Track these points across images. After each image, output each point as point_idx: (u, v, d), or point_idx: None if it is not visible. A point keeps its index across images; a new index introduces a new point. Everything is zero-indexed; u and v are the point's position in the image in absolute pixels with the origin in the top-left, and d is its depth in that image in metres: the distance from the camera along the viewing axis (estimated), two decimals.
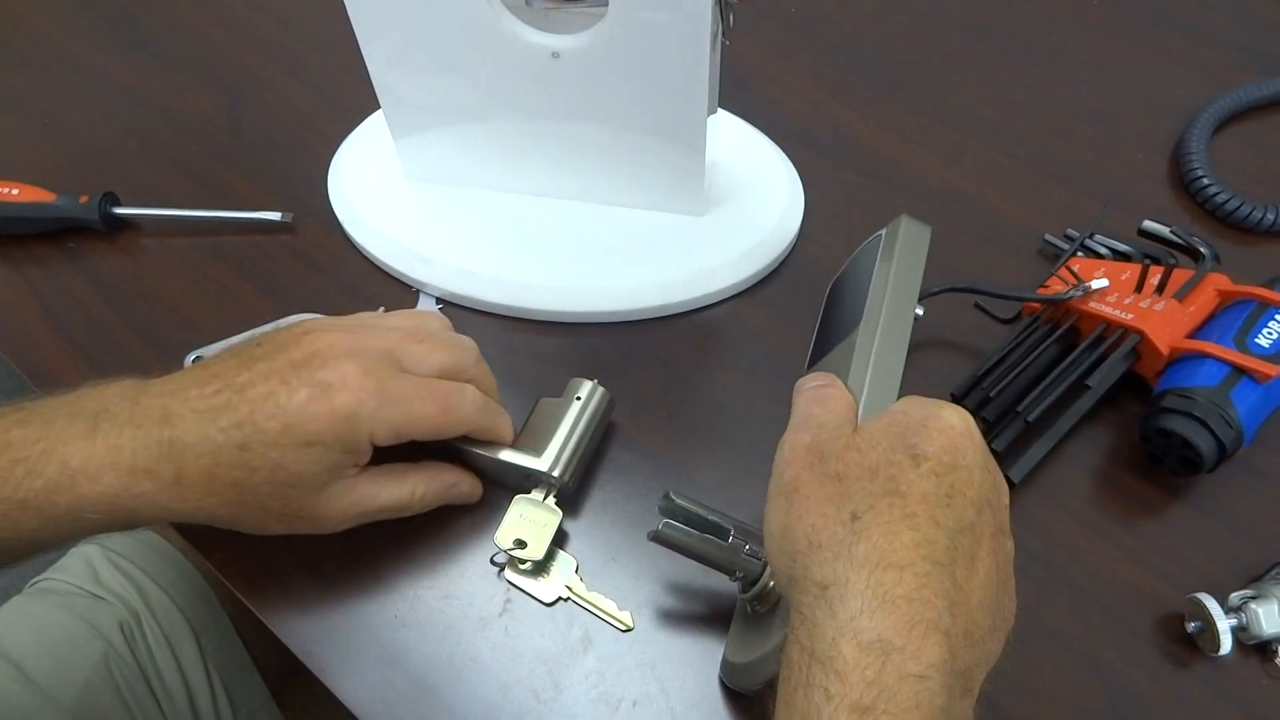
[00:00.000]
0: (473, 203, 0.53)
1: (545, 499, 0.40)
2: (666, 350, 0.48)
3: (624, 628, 0.38)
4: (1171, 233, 0.48)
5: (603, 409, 0.43)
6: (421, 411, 0.36)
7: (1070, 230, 0.52)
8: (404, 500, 0.38)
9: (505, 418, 0.41)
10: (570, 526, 0.42)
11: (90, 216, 0.52)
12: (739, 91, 0.60)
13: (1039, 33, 0.67)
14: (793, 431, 0.32)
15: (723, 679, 0.37)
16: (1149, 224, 0.49)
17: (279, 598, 0.40)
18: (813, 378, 0.35)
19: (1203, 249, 0.47)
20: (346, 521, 0.37)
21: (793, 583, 0.28)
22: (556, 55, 0.44)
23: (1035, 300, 0.47)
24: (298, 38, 0.67)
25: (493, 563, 0.40)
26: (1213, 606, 0.37)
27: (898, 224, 0.42)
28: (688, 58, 0.43)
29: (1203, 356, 0.41)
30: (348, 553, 0.40)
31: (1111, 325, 0.44)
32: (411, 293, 0.51)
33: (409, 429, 0.36)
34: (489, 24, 0.44)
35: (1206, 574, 0.40)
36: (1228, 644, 0.37)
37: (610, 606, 0.39)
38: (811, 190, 0.55)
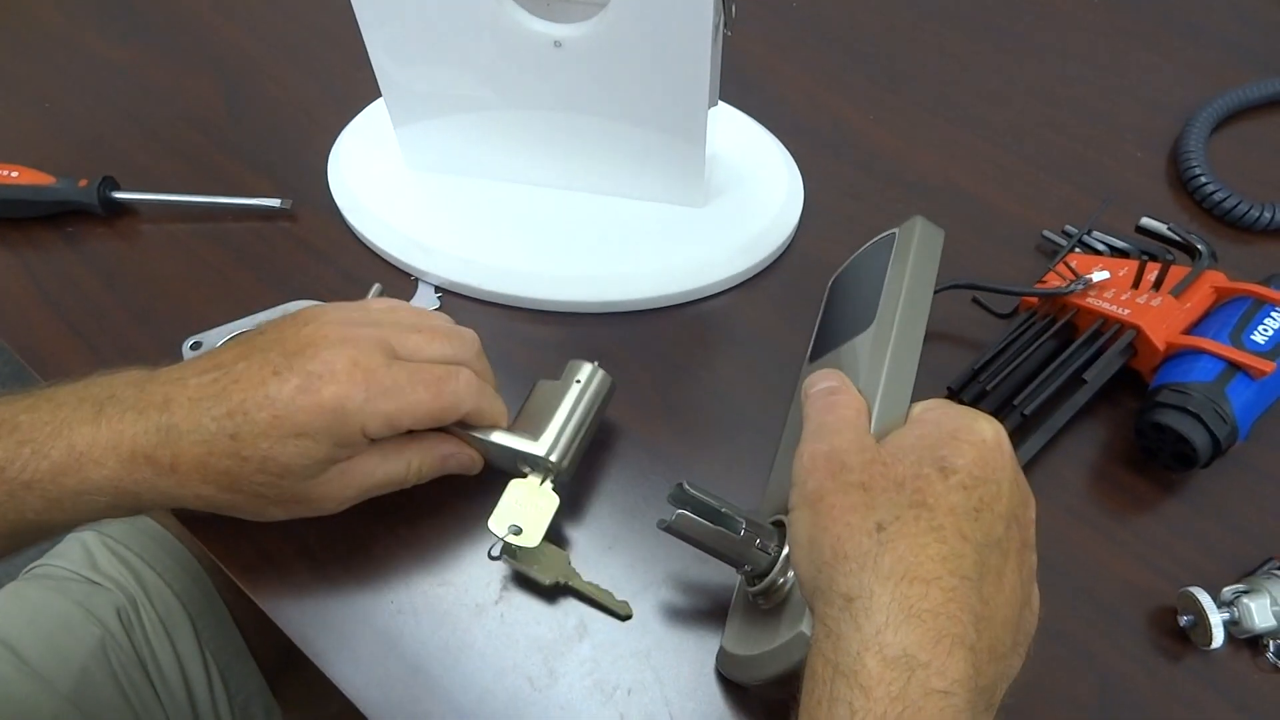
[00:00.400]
0: (473, 192, 0.53)
1: (542, 484, 0.39)
2: (665, 341, 0.49)
3: (621, 615, 0.39)
4: (1169, 230, 0.48)
5: (603, 393, 0.41)
6: (414, 400, 0.35)
7: (1068, 226, 0.52)
8: (400, 475, 0.37)
9: (501, 402, 0.40)
10: (567, 515, 0.42)
11: (89, 200, 0.52)
12: (739, 84, 0.60)
13: (1040, 30, 0.67)
14: (809, 441, 0.32)
15: (719, 669, 0.37)
16: (1147, 221, 0.49)
17: (276, 584, 0.40)
18: (821, 377, 0.35)
19: (1200, 246, 0.47)
20: (346, 502, 0.37)
21: (818, 593, 0.28)
22: (559, 44, 0.44)
23: (1033, 295, 0.48)
24: (298, 24, 0.67)
25: (490, 556, 0.40)
26: (1205, 600, 0.37)
27: (913, 225, 0.42)
28: (689, 48, 0.43)
29: (1198, 352, 0.42)
30: (344, 540, 0.41)
31: (1108, 320, 0.44)
32: (410, 280, 0.51)
33: (402, 419, 0.35)
34: (492, 12, 0.44)
35: (1199, 568, 0.40)
36: (1219, 638, 0.37)
37: (605, 596, 0.39)
38: (811, 183, 0.55)
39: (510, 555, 0.39)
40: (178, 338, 0.47)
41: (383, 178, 0.54)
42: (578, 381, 0.41)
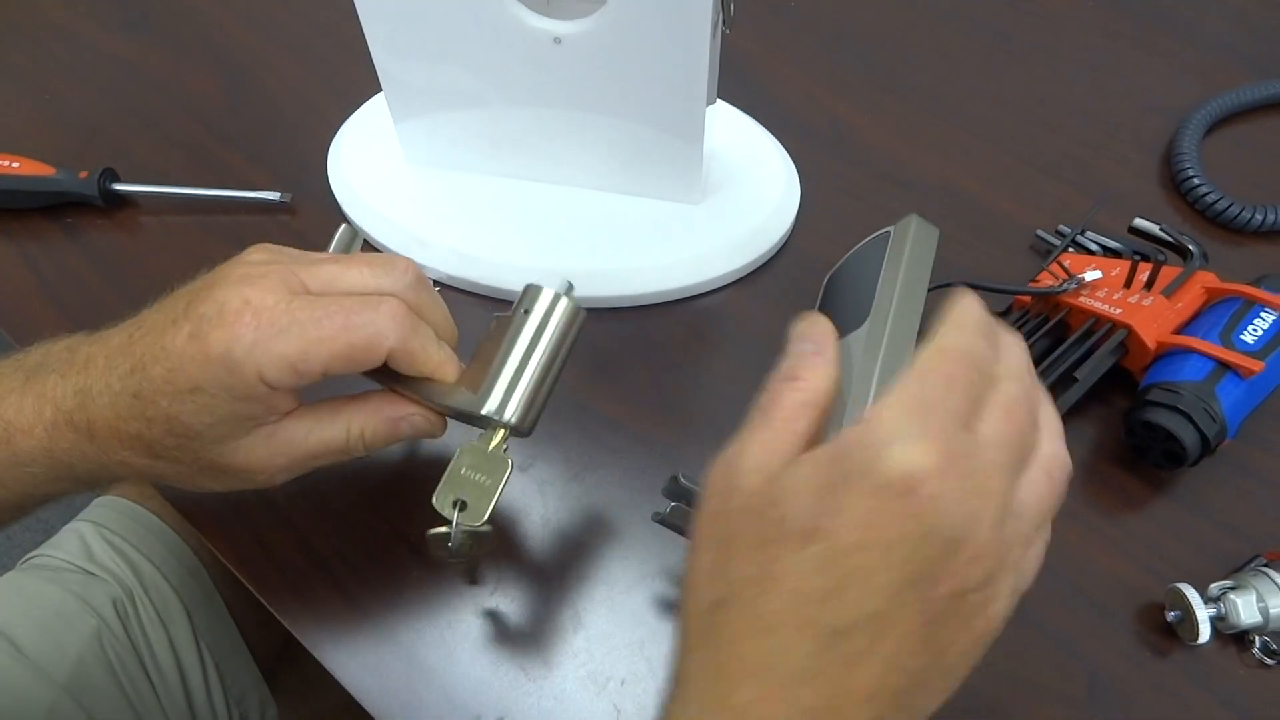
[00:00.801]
0: (471, 187, 0.53)
1: (492, 447, 0.32)
2: (661, 337, 0.49)
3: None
4: (1161, 230, 0.49)
5: (568, 325, 0.33)
6: (318, 336, 0.29)
7: (1062, 226, 0.53)
8: (340, 441, 0.32)
9: (442, 345, 0.33)
10: (561, 508, 0.42)
11: (89, 192, 0.52)
12: (738, 82, 0.60)
13: (1036, 31, 0.68)
14: (734, 443, 0.27)
15: None
16: (1139, 222, 0.50)
17: (272, 575, 0.40)
18: (808, 329, 0.30)
19: (1191, 247, 0.48)
20: (278, 472, 0.32)
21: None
22: (558, 41, 0.45)
23: (1026, 294, 0.48)
24: (299, 18, 0.67)
25: (448, 547, 0.33)
26: (1192, 596, 0.38)
27: (908, 224, 0.42)
28: (688, 46, 0.43)
29: (1189, 352, 0.42)
30: (341, 532, 0.41)
31: (1100, 320, 0.45)
32: None
33: (307, 361, 0.29)
34: (492, 9, 0.44)
35: (1187, 565, 0.41)
36: (1206, 633, 0.37)
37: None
38: (808, 181, 0.55)
39: (461, 540, 0.33)
40: None
41: (382, 172, 0.54)
42: (526, 312, 0.33)
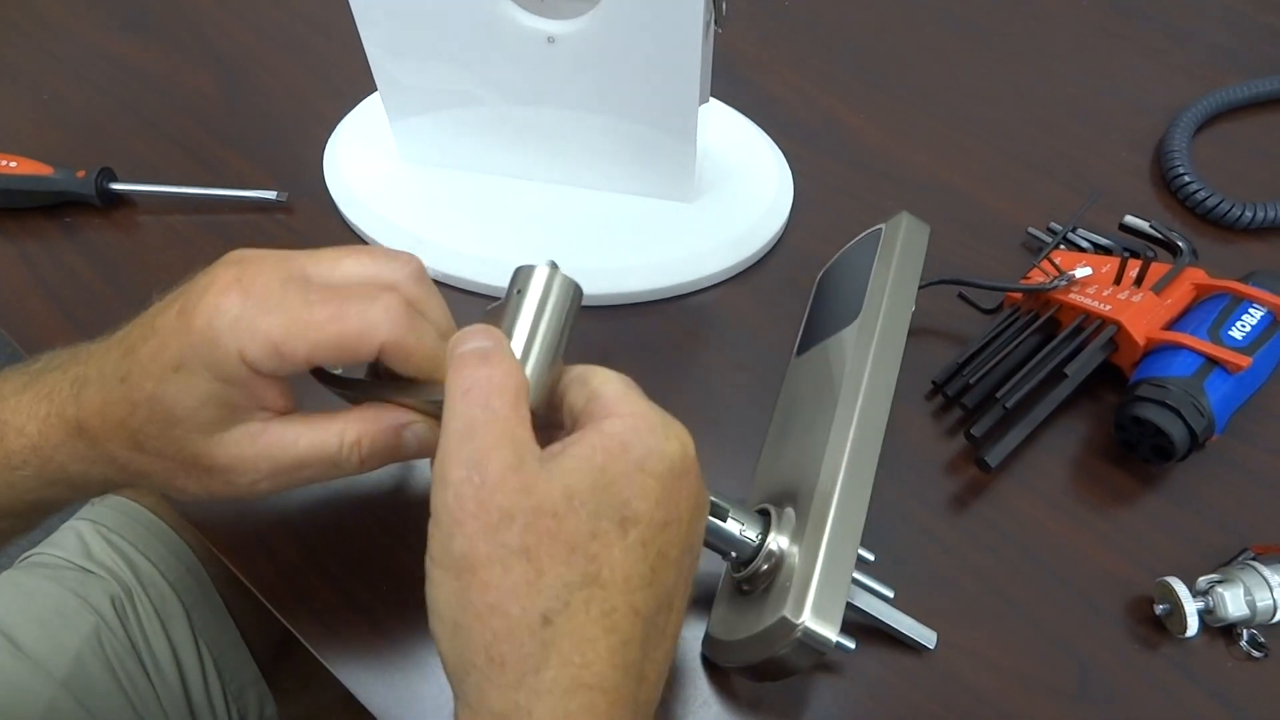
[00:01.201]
0: (467, 186, 0.54)
1: None
2: (654, 334, 0.49)
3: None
4: (1151, 227, 0.49)
5: (566, 302, 0.31)
6: (308, 318, 0.27)
7: (1053, 224, 0.53)
8: (330, 448, 0.29)
9: (439, 340, 0.29)
10: None
11: (87, 191, 0.53)
12: (731, 81, 0.61)
13: (1029, 30, 0.68)
14: (454, 452, 0.24)
15: (704, 653, 0.38)
16: (1130, 219, 0.50)
17: (270, 572, 0.40)
18: (471, 334, 0.27)
19: (1181, 244, 0.48)
20: (260, 478, 0.29)
21: (461, 699, 0.24)
22: (552, 40, 0.45)
23: (1017, 290, 0.48)
24: (296, 18, 0.68)
25: None
26: (1181, 590, 0.38)
27: (898, 222, 0.43)
28: (680, 46, 0.43)
29: (1178, 347, 0.42)
30: (338, 529, 0.41)
31: (1090, 316, 0.45)
32: None
33: (292, 342, 0.27)
34: (486, 8, 0.44)
35: (1176, 559, 0.41)
36: (1194, 626, 0.38)
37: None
38: (801, 179, 0.56)
39: None
40: None
41: (378, 171, 0.55)
42: (520, 292, 0.31)
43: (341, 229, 0.54)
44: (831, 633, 0.31)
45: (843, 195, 0.56)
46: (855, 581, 0.36)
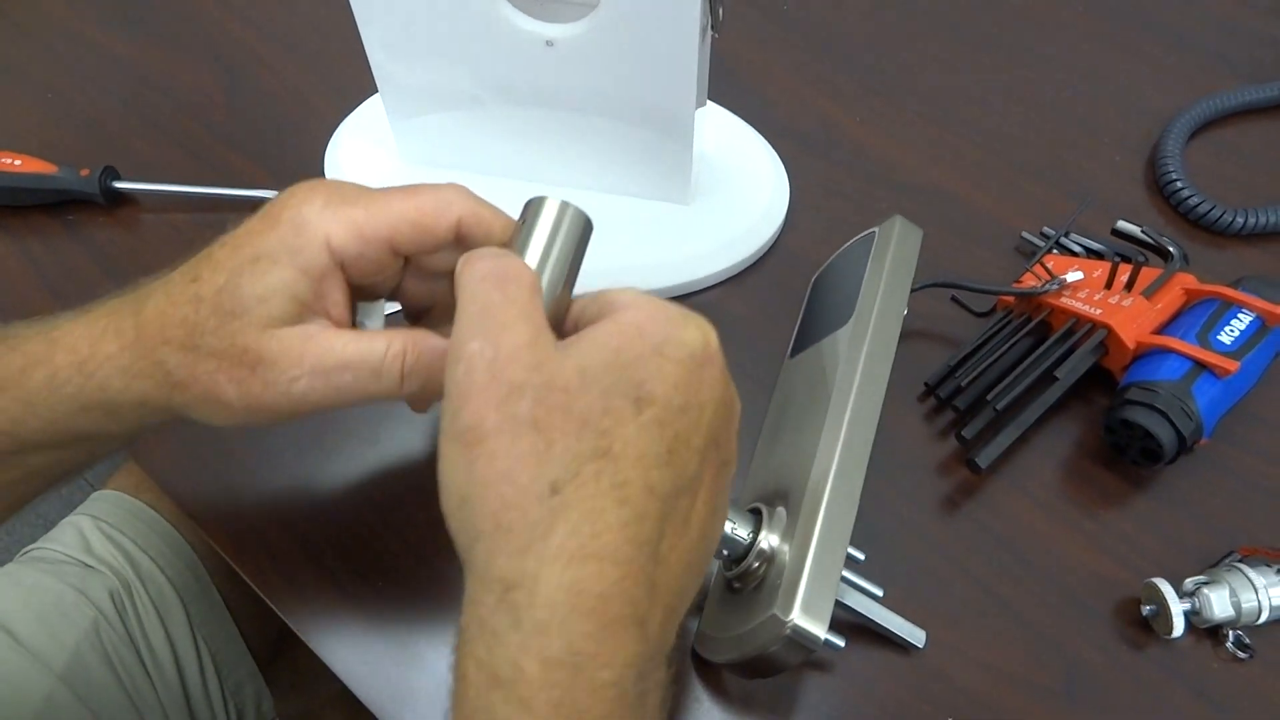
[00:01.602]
0: (467, 186, 0.54)
1: None
2: None
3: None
4: (1143, 232, 0.50)
5: (577, 231, 0.32)
6: (387, 200, 0.30)
7: (1046, 228, 0.54)
8: (375, 354, 0.29)
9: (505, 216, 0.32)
10: None
11: (91, 190, 0.53)
12: (728, 84, 0.61)
13: (1024, 35, 0.69)
14: (468, 331, 0.25)
15: (696, 650, 0.38)
16: (1122, 224, 0.51)
17: (267, 566, 0.41)
18: (485, 252, 0.28)
19: (1172, 249, 0.49)
20: (301, 375, 0.29)
21: (470, 569, 0.24)
22: (551, 44, 0.45)
23: (1009, 294, 0.49)
24: (298, 18, 0.68)
25: None
26: (1168, 591, 0.39)
27: (891, 225, 0.43)
28: (677, 50, 0.44)
29: (1167, 351, 0.43)
30: (336, 524, 0.42)
31: (1081, 320, 0.46)
32: None
33: (374, 222, 0.29)
34: (486, 11, 0.45)
35: (1163, 560, 0.41)
36: (1180, 627, 0.38)
37: None
38: (797, 182, 0.56)
39: None
40: None
41: (378, 171, 0.55)
42: (530, 220, 0.31)
43: None
44: (820, 630, 0.31)
45: (838, 198, 0.57)
46: (845, 580, 0.37)
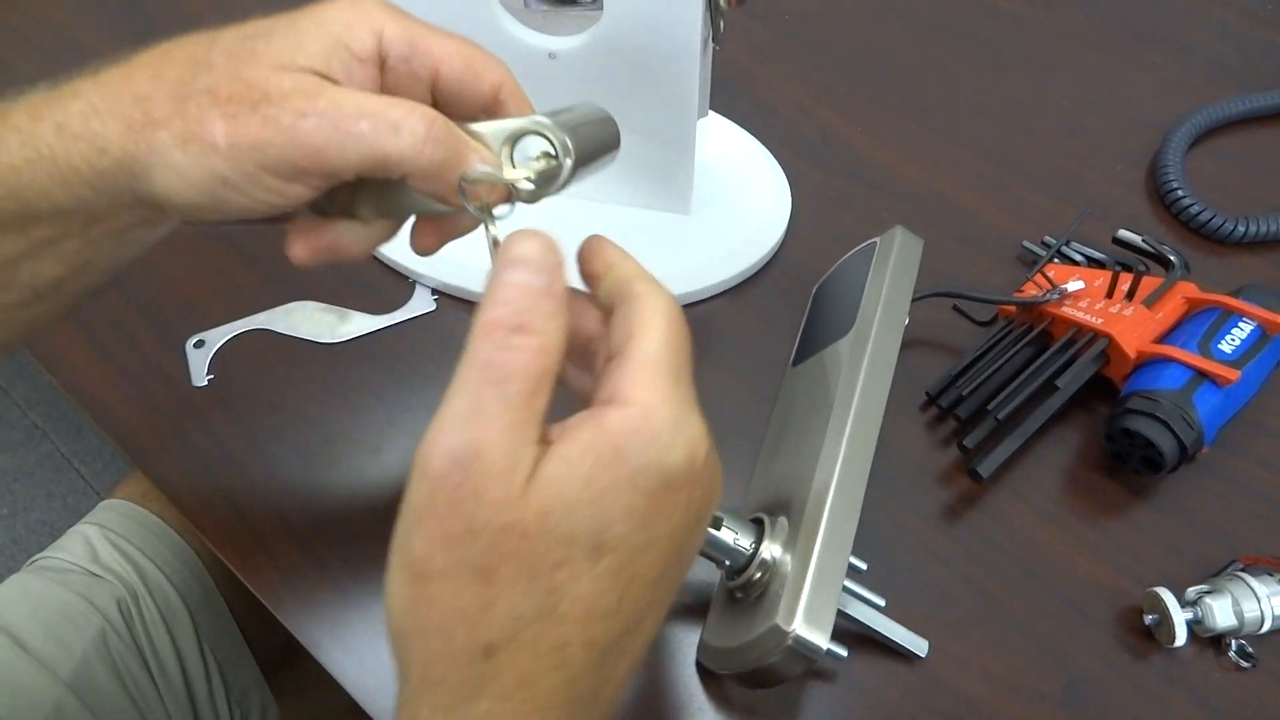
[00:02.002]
0: None
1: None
2: None
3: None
4: (1144, 242, 0.50)
5: (607, 124, 0.33)
6: (446, 33, 0.29)
7: (1047, 237, 0.54)
8: (398, 110, 0.26)
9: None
10: None
11: None
12: (730, 94, 0.62)
13: (1025, 44, 0.69)
14: (445, 438, 0.22)
15: (700, 660, 0.39)
16: (1123, 233, 0.51)
17: (273, 576, 0.41)
18: (525, 245, 0.25)
19: (1173, 258, 0.49)
20: (311, 113, 0.25)
21: (402, 692, 0.23)
22: (553, 56, 0.46)
23: (1011, 303, 0.49)
24: None
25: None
26: (1170, 600, 0.39)
27: (892, 235, 0.44)
28: (679, 62, 0.44)
29: (1168, 361, 0.43)
30: (339, 531, 0.42)
31: (1082, 329, 0.46)
32: (408, 283, 0.52)
33: (429, 40, 0.28)
34: (488, 24, 0.45)
35: (1165, 570, 0.42)
36: (1183, 636, 0.38)
37: None
38: (798, 192, 0.56)
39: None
40: (182, 336, 0.49)
41: None
42: (561, 109, 0.31)
43: None
44: (822, 640, 0.31)
45: (839, 207, 0.57)
46: (847, 590, 0.37)
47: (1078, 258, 0.52)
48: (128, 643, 0.53)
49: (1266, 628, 0.38)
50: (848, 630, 0.38)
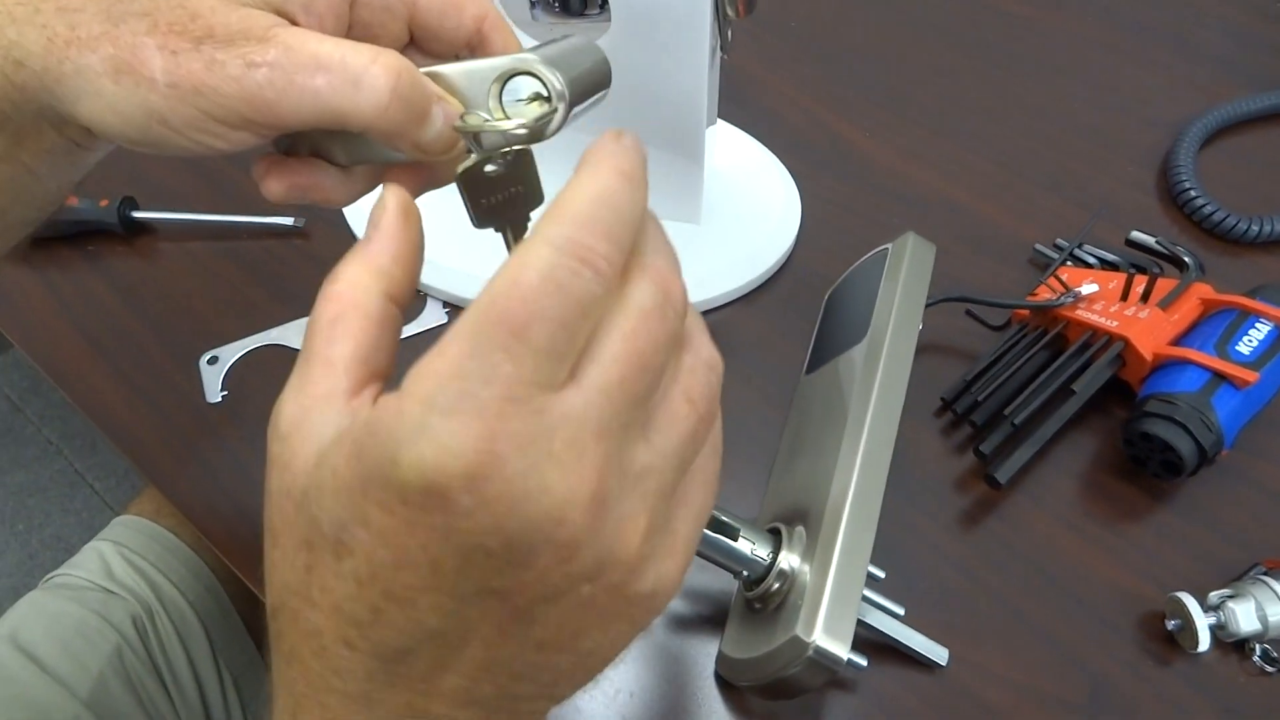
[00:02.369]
0: None
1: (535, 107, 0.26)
2: None
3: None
4: (1157, 243, 0.49)
5: (599, 70, 0.29)
6: None
7: (1060, 240, 0.54)
8: (359, 60, 0.24)
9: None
10: None
11: (110, 220, 0.54)
12: (739, 102, 0.62)
13: (1034, 47, 0.69)
14: (289, 389, 0.21)
15: (718, 672, 0.38)
16: (1136, 234, 0.50)
17: None
18: (376, 212, 0.23)
19: (1187, 259, 0.49)
20: (263, 63, 0.23)
21: None
22: None
23: (1024, 307, 0.49)
24: None
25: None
26: (1192, 605, 0.38)
27: (904, 242, 0.44)
28: (687, 72, 0.44)
29: (1185, 363, 0.43)
30: None
31: (1097, 332, 0.45)
32: (419, 297, 0.53)
33: None
34: None
35: (1187, 574, 0.41)
36: (1206, 641, 0.38)
37: None
38: (808, 199, 0.56)
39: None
40: (194, 353, 0.49)
41: None
42: (564, 37, 0.28)
43: None
44: (843, 651, 0.31)
45: (850, 213, 0.57)
46: (866, 599, 0.37)
47: (1091, 260, 0.52)
48: (143, 659, 0.53)
49: None
50: (867, 639, 0.37)
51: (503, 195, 0.28)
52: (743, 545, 0.35)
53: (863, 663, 0.32)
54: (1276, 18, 0.70)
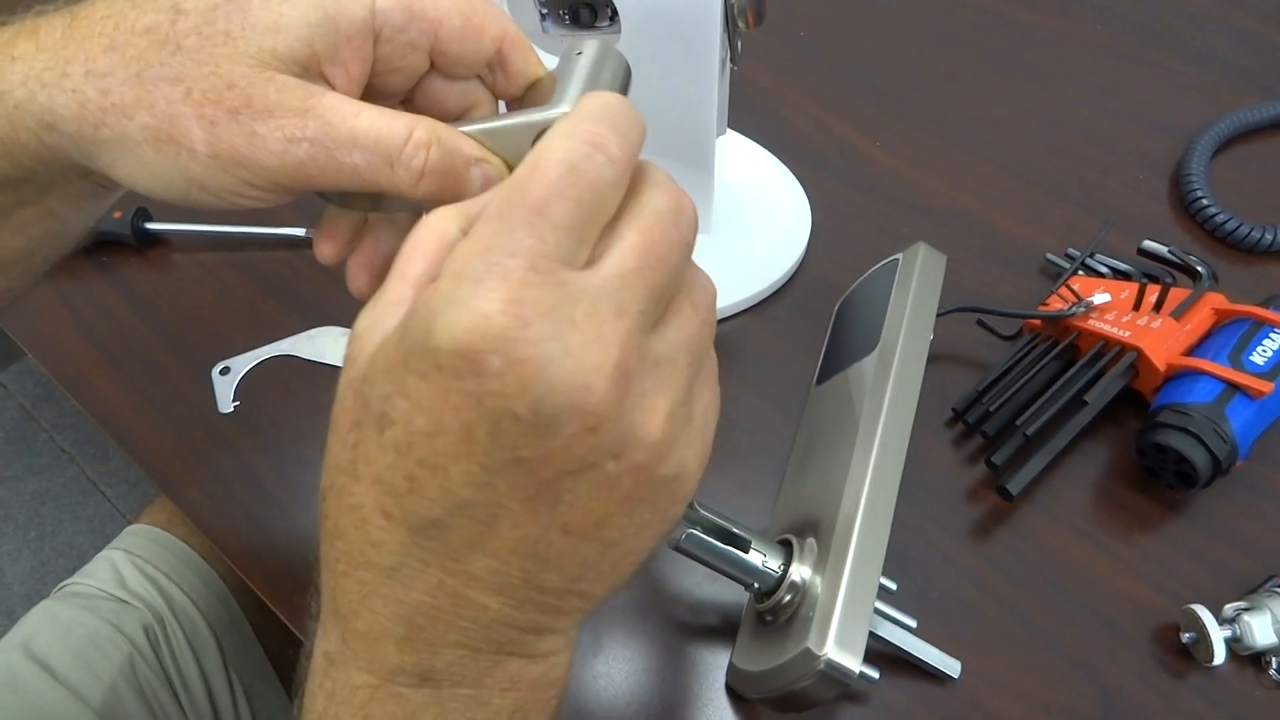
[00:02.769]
0: None
1: None
2: None
3: None
4: (1170, 252, 0.49)
5: (620, 70, 0.30)
6: None
7: (1071, 249, 0.53)
8: (396, 136, 0.25)
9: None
10: None
11: (123, 231, 0.54)
12: (748, 112, 0.62)
13: (1044, 55, 0.68)
14: (370, 311, 0.23)
15: (729, 684, 0.38)
16: (1148, 244, 0.50)
17: (299, 600, 0.41)
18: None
19: (1200, 268, 0.48)
20: (301, 138, 0.24)
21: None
22: None
23: (1036, 317, 0.49)
24: None
25: None
26: (1207, 618, 0.38)
27: (915, 251, 0.44)
28: (697, 83, 0.44)
29: (1198, 373, 0.42)
30: None
31: (1110, 342, 0.45)
32: None
33: (425, 2, 0.26)
34: None
35: (1201, 586, 0.41)
36: (1221, 654, 0.37)
37: None
38: (818, 208, 0.56)
39: None
40: (207, 363, 0.49)
41: None
42: (580, 53, 0.29)
43: None
44: (855, 664, 0.31)
45: (860, 223, 0.57)
46: (878, 612, 0.37)
47: (1103, 269, 0.52)
48: (155, 669, 0.53)
49: None
50: (879, 652, 0.37)
51: None
52: (754, 557, 0.35)
53: (874, 675, 0.32)
54: None
